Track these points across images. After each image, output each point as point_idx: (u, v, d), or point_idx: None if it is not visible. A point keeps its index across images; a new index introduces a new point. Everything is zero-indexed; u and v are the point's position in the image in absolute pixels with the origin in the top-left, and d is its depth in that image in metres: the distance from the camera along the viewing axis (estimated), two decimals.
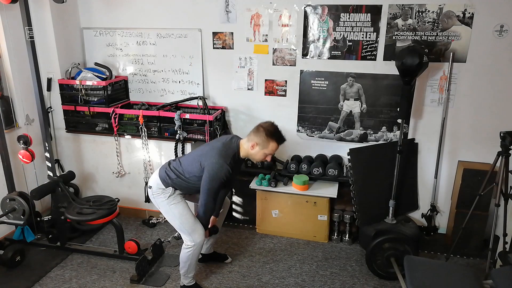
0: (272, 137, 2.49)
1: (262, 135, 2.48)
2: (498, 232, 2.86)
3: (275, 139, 2.51)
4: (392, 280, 2.91)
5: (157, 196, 2.62)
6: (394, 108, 3.23)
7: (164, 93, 3.71)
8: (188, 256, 2.62)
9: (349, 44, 3.19)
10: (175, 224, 2.61)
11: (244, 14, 3.32)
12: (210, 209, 2.56)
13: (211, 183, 2.44)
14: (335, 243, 3.42)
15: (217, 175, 2.43)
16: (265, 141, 2.48)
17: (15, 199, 3.06)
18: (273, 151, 2.54)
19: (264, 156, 2.54)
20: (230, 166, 2.45)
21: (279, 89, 3.45)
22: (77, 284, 2.90)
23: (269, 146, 2.50)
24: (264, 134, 2.48)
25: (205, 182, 2.46)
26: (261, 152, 2.51)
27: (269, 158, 2.58)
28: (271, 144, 2.50)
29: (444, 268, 2.39)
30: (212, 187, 2.46)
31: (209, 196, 2.48)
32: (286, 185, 3.38)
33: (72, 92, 3.54)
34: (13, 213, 3.10)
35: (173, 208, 2.59)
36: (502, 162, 2.63)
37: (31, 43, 2.85)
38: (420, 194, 3.41)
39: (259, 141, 2.49)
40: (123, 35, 3.62)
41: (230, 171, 2.44)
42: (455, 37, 2.99)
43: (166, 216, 2.66)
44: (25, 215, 3.07)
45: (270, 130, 2.50)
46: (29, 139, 3.05)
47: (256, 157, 2.55)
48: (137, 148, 3.59)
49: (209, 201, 2.51)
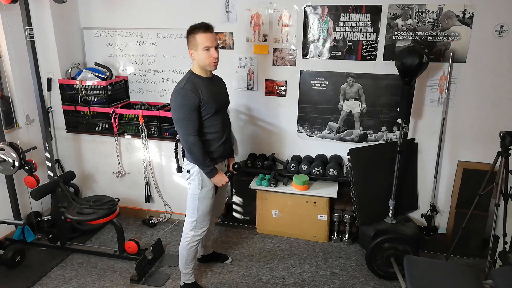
0: (193, 30, 2.34)
1: (187, 38, 2.38)
2: (498, 232, 2.86)
3: (197, 29, 2.34)
4: (392, 280, 2.91)
5: (193, 179, 2.53)
6: (394, 108, 3.23)
7: (164, 93, 3.71)
8: (186, 245, 2.63)
9: (349, 44, 3.19)
10: (190, 207, 2.59)
11: (244, 14, 3.32)
12: (192, 144, 2.37)
13: (176, 113, 2.35)
14: (335, 243, 3.42)
15: (178, 103, 2.33)
16: (191, 39, 2.35)
17: (4, 149, 2.98)
18: (206, 42, 2.33)
19: (206, 54, 2.35)
20: (190, 89, 2.32)
21: (279, 89, 3.46)
22: (77, 284, 2.90)
23: (197, 41, 2.33)
24: (188, 35, 2.37)
25: (173, 117, 2.39)
26: (199, 53, 2.35)
27: (213, 53, 2.36)
28: (197, 37, 2.33)
29: (444, 268, 2.39)
30: (178, 116, 2.35)
31: (181, 128, 2.36)
32: (286, 185, 3.38)
33: (72, 92, 3.54)
34: (3, 164, 3.01)
35: (201, 201, 2.55)
36: (502, 162, 2.63)
37: (31, 43, 2.85)
38: (420, 194, 3.41)
39: (189, 45, 2.38)
40: (123, 35, 3.63)
41: (191, 93, 2.32)
42: (455, 37, 2.99)
43: (189, 199, 2.60)
44: (15, 167, 3.00)
45: (189, 29, 2.38)
46: (34, 165, 3.05)
47: (202, 61, 2.38)
48: (137, 148, 3.60)
49: (185, 134, 2.36)
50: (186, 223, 2.64)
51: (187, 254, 2.67)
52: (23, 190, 3.33)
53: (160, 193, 3.72)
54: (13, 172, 3.05)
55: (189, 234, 2.62)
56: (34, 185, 3.04)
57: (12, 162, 3.00)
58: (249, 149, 3.65)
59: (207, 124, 2.45)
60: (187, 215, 2.64)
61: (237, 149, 3.65)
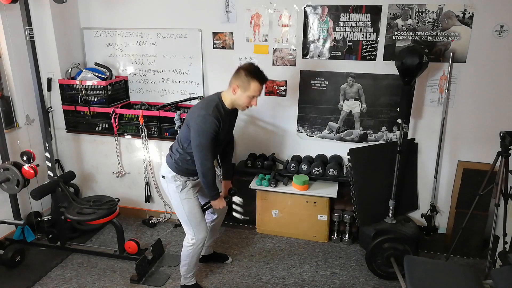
0: (253, 76, 2.34)
1: (241, 75, 2.34)
2: (498, 232, 2.86)
3: (256, 77, 2.35)
4: (392, 280, 2.91)
5: (170, 185, 2.54)
6: (394, 108, 3.23)
7: (164, 93, 3.71)
8: (189, 253, 2.62)
9: (349, 44, 3.19)
10: (182, 217, 2.58)
11: (244, 14, 3.32)
12: (208, 169, 2.39)
13: (198, 138, 2.34)
14: (335, 243, 3.42)
15: (202, 128, 2.32)
16: (246, 81, 2.34)
17: (9, 169, 3.00)
18: (256, 92, 2.38)
19: (248, 99, 2.39)
20: (215, 117, 2.32)
21: (279, 89, 3.46)
22: (77, 284, 2.90)
23: (250, 87, 2.34)
24: (244, 74, 2.34)
25: (193, 140, 2.36)
26: (244, 96, 2.37)
27: (255, 102, 2.42)
28: (252, 84, 2.34)
29: (444, 268, 2.39)
30: (200, 142, 2.34)
31: (201, 153, 2.36)
32: (286, 185, 3.38)
33: (72, 92, 3.54)
34: (7, 183, 3.03)
35: (185, 204, 2.54)
36: (502, 162, 2.63)
37: (31, 43, 2.85)
38: (420, 194, 3.41)
39: (239, 83, 2.35)
40: (123, 35, 3.63)
41: (216, 122, 2.32)
42: (455, 37, 2.99)
43: (175, 208, 2.61)
44: (20, 186, 3.01)
45: (249, 69, 2.35)
46: (32, 156, 3.04)
47: (241, 102, 2.40)
48: (137, 148, 3.60)
49: (203, 159, 2.37)
50: (186, 234, 2.63)
51: (190, 261, 2.66)
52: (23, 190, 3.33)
53: (160, 193, 3.72)
54: (17, 191, 3.08)
55: (190, 243, 2.61)
56: (31, 176, 3.03)
57: (16, 181, 3.03)
58: (249, 149, 3.65)
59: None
60: (183, 226, 2.63)
61: (237, 149, 3.65)
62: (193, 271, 2.73)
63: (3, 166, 3.05)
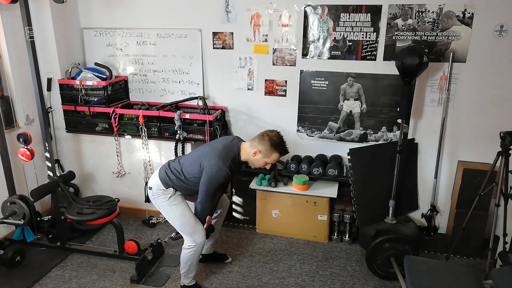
0: (277, 148, 2.49)
1: (267, 144, 2.47)
2: (498, 232, 2.85)
3: (279, 150, 2.50)
4: (392, 280, 2.91)
5: (158, 197, 2.61)
6: (394, 108, 3.23)
7: (164, 93, 3.71)
8: (189, 256, 2.62)
9: (349, 44, 3.19)
10: (176, 225, 2.60)
11: (244, 14, 3.32)
12: (207, 209, 2.54)
13: (209, 184, 2.43)
14: (335, 243, 3.42)
15: (216, 177, 2.41)
16: (269, 150, 2.47)
17: (15, 202, 3.05)
18: (275, 161, 2.55)
19: (264, 164, 2.55)
20: (230, 169, 2.43)
21: (279, 89, 3.46)
22: (77, 284, 2.90)
23: (271, 156, 2.50)
24: (269, 144, 2.47)
25: (203, 184, 2.45)
26: (262, 160, 2.52)
27: (269, 166, 2.58)
28: (274, 155, 2.50)
29: (444, 268, 2.39)
30: (210, 188, 2.45)
31: (207, 197, 2.47)
32: (286, 185, 3.38)
33: (72, 92, 3.54)
34: (14, 217, 3.07)
35: (174, 209, 2.58)
36: (502, 162, 2.63)
37: (31, 43, 2.85)
38: (420, 194, 3.40)
39: (262, 149, 2.48)
40: (123, 35, 3.62)
41: (229, 173, 2.43)
42: (455, 37, 2.99)
43: (167, 217, 2.65)
44: (26, 218, 3.05)
45: (275, 141, 2.49)
46: (28, 138, 3.02)
47: (257, 163, 2.55)
48: (137, 148, 3.59)
49: (206, 202, 2.49)
50: (185, 240, 2.63)
51: (190, 263, 2.66)
52: (23, 190, 3.33)
53: None
54: (22, 225, 3.09)
55: (191, 246, 2.60)
56: (29, 158, 3.01)
57: (22, 215, 3.04)
58: None
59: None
60: (181, 232, 2.63)
61: None
62: (193, 272, 2.74)
63: (9, 200, 3.06)
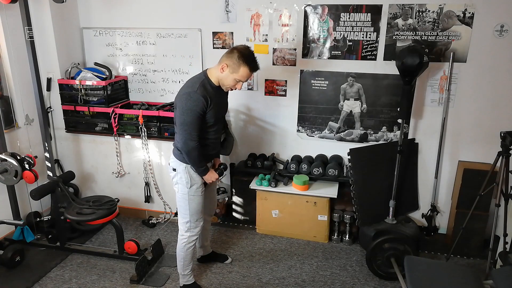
0: (245, 61, 2.29)
1: (234, 57, 2.29)
2: (498, 232, 2.85)
3: (247, 63, 2.30)
4: (392, 280, 2.91)
5: (182, 177, 2.50)
6: (394, 108, 3.23)
7: (164, 93, 3.70)
8: (183, 246, 2.63)
9: (349, 44, 3.19)
10: (181, 209, 2.58)
11: (244, 14, 3.32)
12: (192, 148, 2.35)
13: (182, 116, 2.30)
14: (335, 243, 3.41)
15: (187, 106, 2.27)
16: (236, 64, 2.29)
17: (6, 160, 2.97)
18: (244, 78, 2.34)
19: (234, 82, 2.35)
20: (201, 95, 2.27)
21: (279, 89, 3.45)
22: (77, 284, 2.89)
23: (239, 71, 2.31)
24: (237, 56, 2.29)
25: (177, 119, 2.33)
26: (230, 77, 2.33)
27: (239, 86, 2.39)
28: (242, 69, 2.30)
29: (444, 268, 2.38)
30: (184, 120, 2.30)
31: (185, 132, 2.32)
32: (286, 185, 3.38)
33: (72, 92, 3.54)
34: (5, 174, 3.00)
35: (191, 200, 2.53)
36: (502, 162, 2.63)
37: (31, 43, 2.85)
38: (421, 194, 3.40)
39: (229, 63, 2.30)
40: (123, 35, 3.62)
41: (202, 99, 2.27)
42: (455, 37, 2.99)
43: (179, 200, 2.58)
44: (17, 176, 2.98)
45: (243, 53, 2.30)
46: (33, 161, 3.02)
47: (226, 82, 2.36)
48: (137, 148, 3.59)
49: (186, 138, 2.33)
50: (180, 225, 2.64)
51: (184, 255, 2.67)
52: (23, 190, 3.33)
53: (159, 193, 3.72)
54: (15, 182, 3.05)
55: (184, 236, 2.62)
56: (32, 180, 3.01)
57: (14, 172, 3.00)
58: (249, 149, 3.65)
59: (205, 131, 2.44)
60: (179, 217, 2.63)
61: (237, 149, 3.65)
62: (189, 267, 2.73)
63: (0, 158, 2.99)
